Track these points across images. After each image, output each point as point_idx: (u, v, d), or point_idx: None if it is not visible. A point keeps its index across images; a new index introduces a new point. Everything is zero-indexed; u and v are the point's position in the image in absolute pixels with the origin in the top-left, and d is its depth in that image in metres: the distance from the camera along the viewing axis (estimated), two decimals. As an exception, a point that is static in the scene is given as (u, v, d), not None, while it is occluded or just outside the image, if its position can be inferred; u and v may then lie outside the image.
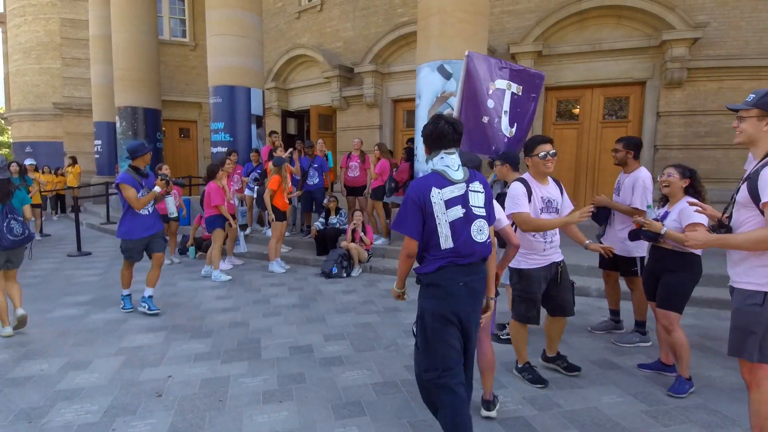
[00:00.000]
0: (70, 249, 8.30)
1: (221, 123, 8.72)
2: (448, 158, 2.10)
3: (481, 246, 2.10)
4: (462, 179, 2.09)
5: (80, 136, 16.89)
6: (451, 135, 2.10)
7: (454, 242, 2.05)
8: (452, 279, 2.06)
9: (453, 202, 2.05)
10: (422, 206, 2.04)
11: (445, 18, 6.26)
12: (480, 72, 4.13)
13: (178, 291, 5.54)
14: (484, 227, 2.11)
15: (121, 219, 4.62)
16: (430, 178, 2.10)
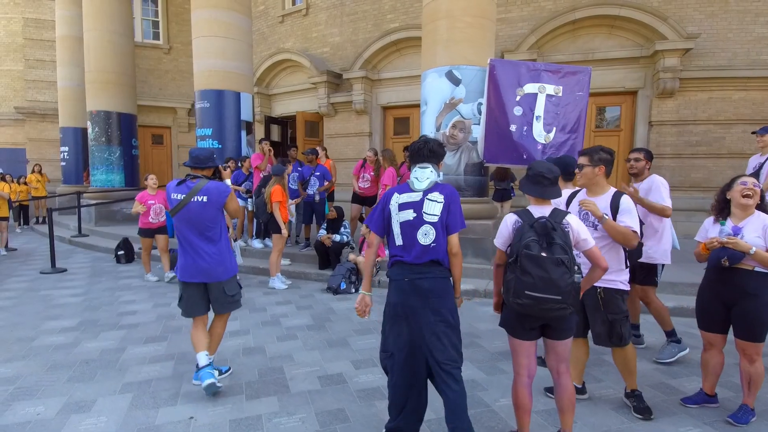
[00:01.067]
0: (42, 265, 7.63)
1: (209, 129, 8.24)
2: (418, 171, 2.39)
3: (424, 248, 2.28)
4: (421, 189, 2.34)
5: (44, 143, 15.89)
6: (424, 152, 2.40)
7: (402, 241, 2.32)
8: (400, 274, 2.33)
9: (406, 206, 2.33)
10: (384, 207, 2.40)
11: (453, 23, 6.05)
12: (505, 79, 3.92)
13: (174, 311, 5.06)
14: (429, 232, 2.29)
15: (221, 243, 3.12)
16: (399, 187, 2.45)
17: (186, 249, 3.06)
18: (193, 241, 3.03)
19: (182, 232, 3.05)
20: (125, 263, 7.78)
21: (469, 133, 6.21)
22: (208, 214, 3.02)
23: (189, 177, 3.07)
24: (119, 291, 5.97)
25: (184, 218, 3.01)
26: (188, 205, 2.98)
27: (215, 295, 3.15)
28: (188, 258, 3.05)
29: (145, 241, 6.32)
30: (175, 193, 3.03)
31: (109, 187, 11.07)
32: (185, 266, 3.06)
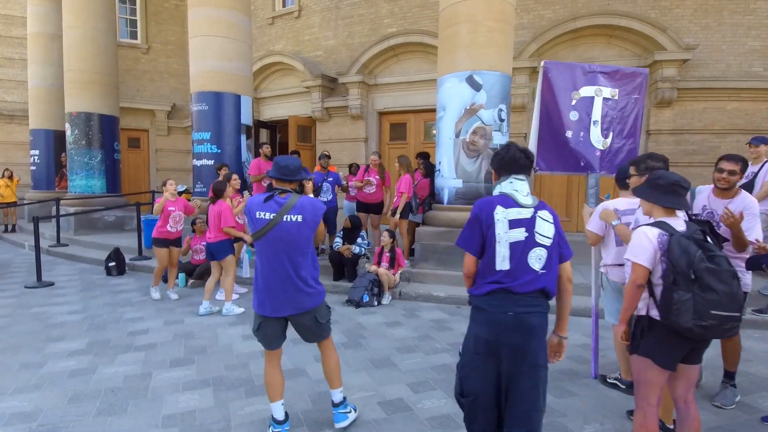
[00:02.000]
0: (24, 278, 7.03)
1: (207, 133, 7.82)
2: (517, 183, 2.07)
3: (537, 275, 1.97)
4: (531, 204, 2.03)
5: (11, 146, 14.90)
6: (523, 161, 2.08)
7: (510, 264, 1.96)
8: (501, 306, 1.96)
9: (517, 224, 1.99)
10: (483, 222, 2.00)
11: (475, 27, 5.93)
12: (560, 82, 3.78)
13: (191, 330, 4.68)
14: (543, 256, 1.99)
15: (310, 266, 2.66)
16: (496, 198, 2.07)
17: (270, 277, 2.55)
18: (282, 268, 2.52)
19: (268, 257, 2.54)
20: (116, 275, 7.26)
21: (489, 140, 6.08)
22: (303, 236, 2.54)
23: (276, 192, 2.62)
24: (120, 307, 5.52)
25: (273, 241, 2.51)
26: (279, 226, 2.49)
27: (308, 324, 2.69)
28: (274, 287, 2.55)
29: (160, 252, 5.77)
30: (261, 212, 2.52)
31: (90, 194, 10.42)
32: (270, 297, 2.56)
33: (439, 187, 6.42)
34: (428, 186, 6.78)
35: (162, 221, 5.74)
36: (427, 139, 11.01)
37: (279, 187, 2.63)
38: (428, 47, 10.25)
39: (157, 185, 15.60)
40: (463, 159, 6.11)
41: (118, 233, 10.49)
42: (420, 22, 10.57)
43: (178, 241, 5.95)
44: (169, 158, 16.07)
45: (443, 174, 6.32)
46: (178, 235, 5.90)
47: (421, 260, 6.31)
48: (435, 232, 6.20)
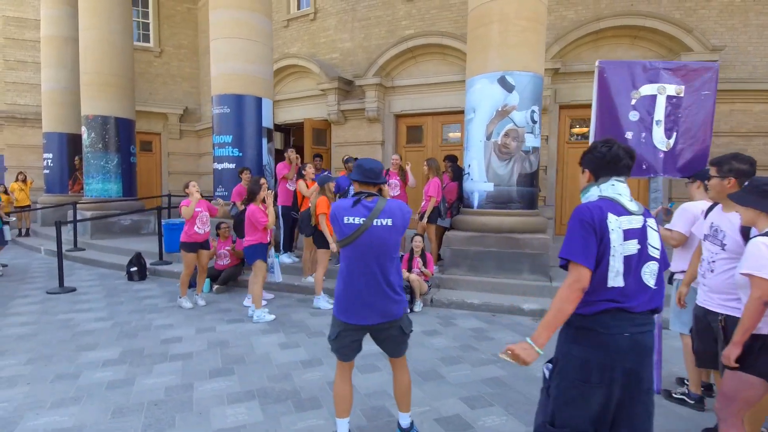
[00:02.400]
0: (45, 284, 6.93)
1: (229, 136, 7.72)
2: (619, 186, 1.85)
3: (652, 292, 1.81)
4: (638, 211, 1.83)
5: (23, 149, 14.86)
6: (626, 161, 1.86)
7: (625, 281, 1.75)
8: (617, 327, 1.75)
9: (631, 234, 1.77)
10: (598, 231, 1.75)
11: (507, 26, 5.80)
12: (618, 82, 3.63)
13: (224, 338, 4.55)
14: (656, 271, 1.82)
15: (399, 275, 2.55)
16: (602, 204, 1.81)
17: (358, 284, 2.41)
18: (371, 274, 2.39)
19: (356, 263, 2.41)
20: (138, 280, 7.15)
21: (522, 142, 5.94)
22: (393, 240, 2.42)
23: (362, 196, 2.45)
24: (148, 314, 5.40)
25: (363, 246, 2.38)
26: (369, 230, 2.36)
27: (394, 334, 2.53)
28: (361, 294, 2.41)
29: (188, 256, 5.64)
30: (350, 217, 2.38)
31: (106, 197, 10.33)
32: (356, 304, 2.42)
33: (469, 191, 6.29)
34: (456, 189, 6.65)
35: (189, 224, 5.62)
36: (444, 141, 10.90)
37: (364, 190, 2.49)
38: (447, 49, 10.15)
39: (169, 188, 15.54)
40: (495, 162, 5.97)
41: (135, 237, 10.39)
42: (439, 23, 10.46)
43: (207, 243, 5.83)
44: (180, 161, 16.01)
45: (473, 177, 6.19)
46: (206, 236, 5.79)
47: (451, 266, 6.17)
48: (465, 237, 6.06)
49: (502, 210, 5.99)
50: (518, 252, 5.87)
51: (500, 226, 5.92)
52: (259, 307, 5.24)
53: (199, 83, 16.14)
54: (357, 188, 2.53)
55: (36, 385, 3.45)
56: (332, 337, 2.54)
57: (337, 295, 2.51)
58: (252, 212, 5.20)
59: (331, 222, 2.49)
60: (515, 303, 5.35)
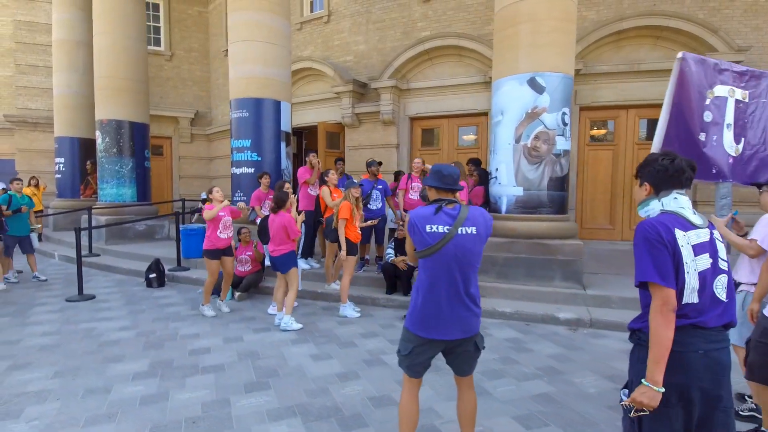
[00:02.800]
0: (62, 291, 6.82)
1: (248, 140, 7.60)
2: (682, 199, 1.81)
3: (724, 306, 1.76)
4: (704, 224, 1.79)
5: (34, 153, 14.82)
6: (689, 174, 1.82)
7: (699, 297, 1.71)
8: (690, 345, 1.70)
9: (700, 249, 1.74)
10: (670, 247, 1.70)
11: (537, 26, 5.66)
12: (695, 78, 3.46)
13: (254, 349, 4.41)
14: (726, 284, 1.78)
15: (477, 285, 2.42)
16: (666, 219, 1.77)
17: (439, 296, 2.25)
18: (453, 286, 2.24)
19: (438, 274, 2.24)
20: (157, 287, 7.02)
21: (552, 145, 5.79)
22: (478, 250, 2.28)
23: (443, 203, 2.29)
24: (172, 322, 5.27)
25: (447, 256, 2.22)
26: (454, 239, 2.21)
27: (470, 351, 2.38)
28: (442, 307, 2.25)
29: (212, 264, 5.51)
30: (433, 225, 2.22)
31: (120, 202, 10.23)
32: (436, 318, 2.26)
33: (497, 195, 6.13)
34: (483, 194, 6.50)
35: (212, 230, 5.49)
36: (461, 144, 10.76)
37: (442, 197, 2.33)
38: (464, 50, 10.02)
39: (180, 193, 15.48)
40: (524, 165, 5.82)
41: (149, 242, 10.29)
42: (455, 24, 10.32)
43: (230, 249, 5.71)
44: (191, 166, 15.94)
45: (501, 181, 6.03)
46: (229, 242, 5.67)
47: (479, 273, 5.99)
48: (494, 243, 5.90)
49: (531, 215, 5.83)
50: (549, 258, 5.70)
51: (530, 231, 5.76)
52: (289, 314, 5.09)
53: (209, 87, 16.08)
54: (434, 195, 2.38)
55: (67, 401, 3.32)
56: (405, 352, 2.38)
57: (414, 307, 2.35)
58: (288, 221, 5.06)
59: (409, 232, 2.33)
60: (549, 312, 5.19)
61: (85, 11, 13.05)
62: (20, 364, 4.00)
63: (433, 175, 2.38)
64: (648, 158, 1.90)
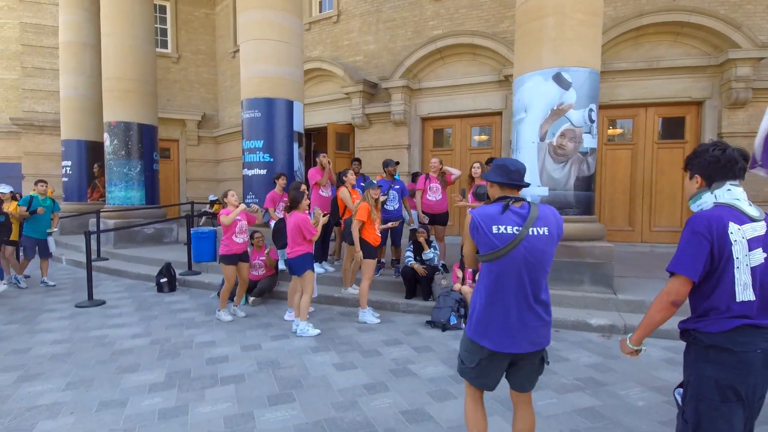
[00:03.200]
0: (71, 296, 6.64)
1: (260, 141, 7.41)
2: (735, 190, 1.76)
3: None
4: (760, 217, 1.74)
5: (41, 157, 14.71)
6: (742, 163, 1.78)
7: (756, 293, 1.69)
8: (749, 344, 1.68)
9: (755, 243, 1.70)
10: (716, 242, 1.68)
11: (563, 19, 5.44)
12: None
13: (273, 358, 4.20)
14: None
15: None
16: (721, 212, 1.73)
17: (507, 304, 2.04)
18: (523, 293, 2.03)
19: (506, 280, 2.03)
20: (168, 292, 6.84)
21: (579, 143, 5.57)
22: (550, 252, 2.06)
23: (510, 201, 2.06)
24: (186, 329, 5.07)
25: (517, 260, 2.00)
26: (525, 241, 1.99)
27: (536, 365, 2.17)
28: (511, 316, 2.04)
29: (228, 269, 5.33)
30: (501, 226, 2.00)
31: (129, 205, 10.07)
32: (504, 327, 2.05)
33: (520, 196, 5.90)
34: (505, 194, 6.28)
35: (228, 234, 5.30)
36: (473, 145, 10.56)
37: (509, 195, 2.11)
38: (478, 48, 9.82)
39: (187, 196, 15.34)
40: (550, 164, 5.60)
41: (158, 246, 10.11)
42: (468, 23, 10.13)
43: (246, 255, 5.52)
44: (198, 168, 15.80)
45: (525, 181, 5.80)
46: (245, 246, 5.48)
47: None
48: (518, 245, 5.67)
49: (558, 216, 5.60)
50: (578, 261, 5.48)
51: (557, 233, 5.53)
52: (304, 320, 4.89)
53: (216, 89, 15.95)
54: (497, 192, 2.17)
55: (81, 416, 3.12)
56: (470, 364, 2.17)
57: (477, 316, 2.14)
58: (303, 221, 4.85)
59: (471, 233, 2.11)
60: (580, 318, 4.96)
61: (92, 13, 12.97)
62: (31, 375, 3.81)
63: (496, 170, 2.15)
64: (698, 149, 1.85)
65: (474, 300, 2.21)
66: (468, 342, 2.20)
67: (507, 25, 9.70)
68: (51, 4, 14.45)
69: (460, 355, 2.26)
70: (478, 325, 2.12)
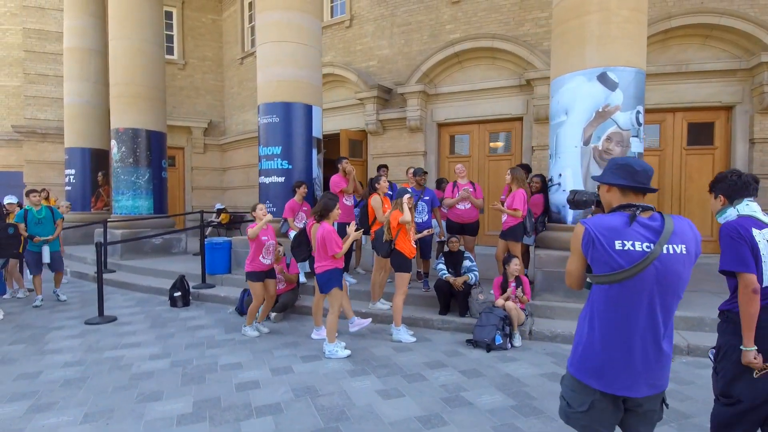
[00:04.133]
0: (81, 312, 6.23)
1: (278, 147, 7.05)
2: (753, 205, 2.23)
3: None
4: None
5: (43, 165, 14.32)
6: (754, 185, 2.29)
7: None
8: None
9: None
10: (748, 242, 2.10)
11: (609, 16, 5.13)
12: None
13: (309, 383, 3.81)
14: None
15: None
16: (744, 221, 2.17)
17: (629, 337, 1.69)
18: (651, 324, 1.67)
19: (630, 308, 1.67)
20: (182, 306, 6.44)
21: (627, 147, 5.23)
22: (687, 276, 1.68)
23: (636, 210, 1.69)
24: (208, 349, 4.67)
25: (648, 284, 1.64)
26: (658, 261, 1.61)
27: (652, 411, 1.77)
28: (633, 353, 1.69)
29: (255, 286, 4.97)
30: (626, 241, 1.64)
31: (137, 215, 9.69)
32: (624, 366, 1.69)
33: (560, 204, 5.56)
34: (543, 203, 5.93)
35: (254, 252, 4.96)
36: (491, 152, 10.23)
37: (635, 203, 1.73)
38: (498, 52, 9.53)
39: (192, 204, 14.99)
40: (595, 170, 5.25)
41: (166, 257, 9.72)
42: (486, 26, 9.84)
43: (272, 271, 5.16)
44: (204, 177, 15.46)
45: (566, 188, 5.46)
46: (272, 266, 5.13)
47: (544, 291, 5.42)
48: (561, 257, 5.31)
49: (603, 225, 5.24)
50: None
51: (603, 243, 5.17)
52: (333, 341, 4.50)
53: (223, 96, 15.65)
54: (617, 198, 1.79)
55: (104, 456, 2.73)
56: (579, 407, 1.78)
57: (585, 348, 1.77)
58: (329, 233, 4.47)
59: (584, 248, 1.74)
60: (636, 334, 4.58)
61: (98, 18, 12.70)
62: (43, 405, 3.41)
63: (617, 170, 1.79)
64: (719, 176, 2.35)
65: (581, 329, 1.84)
66: (573, 381, 1.83)
67: (528, 27, 9.42)
68: (55, 9, 14.15)
69: (564, 396, 1.88)
70: (587, 361, 1.76)
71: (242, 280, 6.90)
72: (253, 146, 13.42)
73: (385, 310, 5.63)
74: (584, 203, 2.32)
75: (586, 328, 1.80)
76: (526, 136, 9.58)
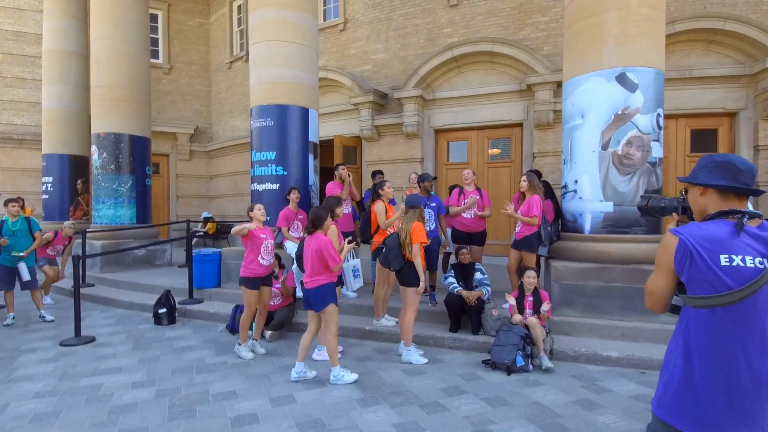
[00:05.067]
0: (57, 332, 5.69)
1: (272, 152, 6.63)
2: None
3: None
4: None
5: (19, 172, 13.63)
6: None
7: None
8: None
9: None
10: None
11: (627, 14, 4.85)
12: None
13: (315, 415, 3.37)
14: None
15: None
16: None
17: (738, 374, 1.37)
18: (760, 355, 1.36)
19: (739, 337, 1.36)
20: (167, 324, 5.94)
21: (648, 152, 4.93)
22: None
23: (741, 216, 1.40)
24: (197, 374, 4.20)
25: (761, 309, 1.35)
26: None
27: None
28: (746, 393, 1.36)
29: (250, 294, 4.50)
30: (734, 255, 1.34)
31: (118, 225, 9.13)
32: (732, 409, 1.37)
33: (576, 212, 5.23)
34: (552, 209, 5.60)
35: (251, 255, 4.52)
36: (492, 158, 9.93)
37: (738, 209, 1.43)
38: (497, 56, 9.26)
39: (177, 213, 14.44)
40: (615, 176, 4.94)
41: (150, 269, 9.17)
42: (485, 30, 9.58)
43: (269, 278, 4.72)
44: (190, 184, 14.91)
45: (583, 195, 5.14)
46: (270, 268, 4.69)
47: (562, 305, 5.06)
48: (580, 270, 4.98)
49: (624, 235, 4.93)
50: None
51: (626, 255, 4.84)
52: (337, 364, 4.07)
53: (210, 101, 15.16)
54: (715, 203, 1.48)
55: None
56: None
57: (681, 388, 1.44)
58: (326, 245, 4.04)
59: (678, 263, 1.42)
60: (666, 353, 4.23)
61: (79, 20, 12.17)
62: (5, 449, 2.92)
63: (715, 168, 1.48)
64: None
65: (671, 364, 1.49)
66: (661, 426, 1.49)
67: (528, 31, 9.19)
68: (34, 11, 13.57)
69: None
70: (684, 404, 1.42)
71: (233, 295, 6.45)
72: (241, 153, 12.95)
73: (390, 327, 5.22)
74: (662, 210, 1.96)
75: (680, 363, 1.46)
76: (527, 142, 9.32)
